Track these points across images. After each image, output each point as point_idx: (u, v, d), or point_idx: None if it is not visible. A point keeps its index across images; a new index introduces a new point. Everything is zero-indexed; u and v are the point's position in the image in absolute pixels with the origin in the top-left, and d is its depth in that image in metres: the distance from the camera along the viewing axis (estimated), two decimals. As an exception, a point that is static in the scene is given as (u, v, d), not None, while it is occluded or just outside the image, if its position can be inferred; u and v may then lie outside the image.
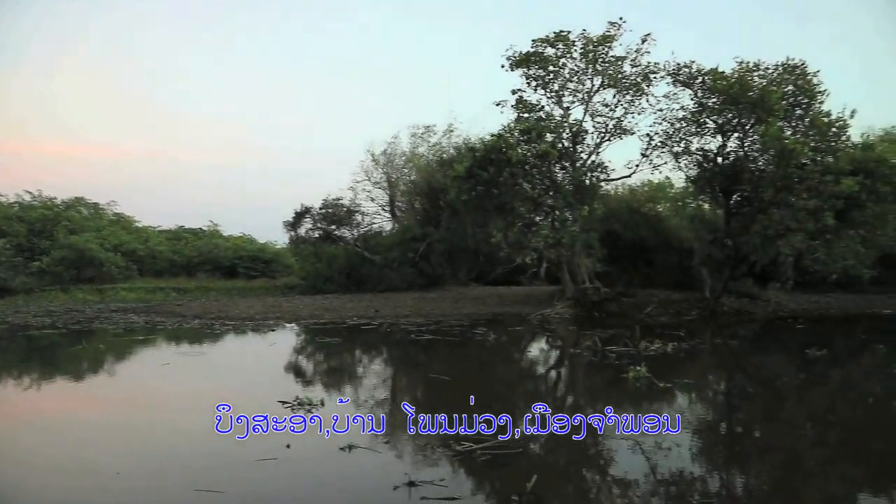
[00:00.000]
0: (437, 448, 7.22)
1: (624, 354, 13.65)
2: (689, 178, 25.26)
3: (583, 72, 24.46)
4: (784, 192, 19.69)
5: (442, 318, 22.90)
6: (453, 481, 6.11)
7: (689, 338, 16.32)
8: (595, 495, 6.12)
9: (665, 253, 26.85)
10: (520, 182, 21.88)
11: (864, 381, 12.38)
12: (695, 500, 5.75)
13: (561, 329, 20.29)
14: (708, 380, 12.62)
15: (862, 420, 9.37)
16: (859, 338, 17.84)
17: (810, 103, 22.24)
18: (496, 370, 14.08)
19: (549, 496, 5.81)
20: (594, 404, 10.57)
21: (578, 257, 23.62)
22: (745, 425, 9.01)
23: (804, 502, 5.87)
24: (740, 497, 6.12)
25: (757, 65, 22.93)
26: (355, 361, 15.75)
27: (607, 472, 6.67)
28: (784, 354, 15.28)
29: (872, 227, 20.44)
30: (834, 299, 26.19)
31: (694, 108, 23.75)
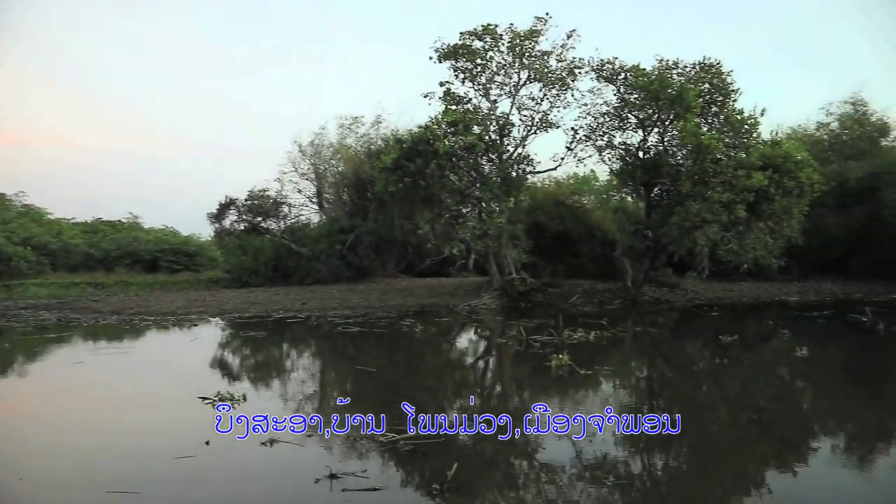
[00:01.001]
0: (360, 440, 7.20)
1: (548, 343, 13.93)
2: (612, 171, 25.97)
3: (510, 65, 24.73)
4: (700, 186, 20.49)
5: (370, 310, 22.81)
6: (375, 472, 6.12)
7: (611, 326, 16.78)
8: (516, 481, 6.23)
9: (589, 244, 27.55)
10: (447, 174, 21.98)
11: (771, 364, 13.05)
12: (609, 481, 5.94)
13: (488, 319, 20.54)
14: (628, 366, 13.02)
15: (769, 401, 9.91)
16: (768, 324, 18.80)
17: (725, 101, 23.16)
18: (423, 361, 14.14)
19: (469, 483, 5.89)
20: (520, 393, 10.78)
21: (505, 248, 23.95)
22: (665, 409, 9.35)
23: (717, 480, 6.14)
24: (660, 477, 6.37)
25: (676, 63, 23.72)
26: (281, 355, 15.50)
27: (533, 459, 6.81)
28: (700, 341, 15.93)
29: (779, 219, 21.49)
30: (746, 288, 27.50)
31: (617, 104, 24.40)
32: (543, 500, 5.67)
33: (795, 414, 9.15)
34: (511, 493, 5.87)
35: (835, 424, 8.41)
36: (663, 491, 6.05)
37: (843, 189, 30.79)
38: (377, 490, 5.64)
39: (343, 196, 35.78)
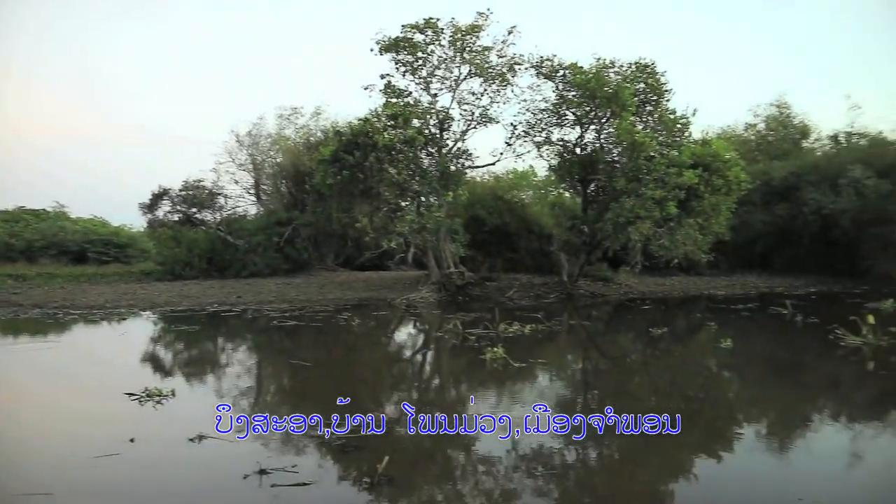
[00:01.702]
0: (291, 434, 7.15)
1: (484, 337, 14.08)
2: (550, 167, 26.38)
3: (451, 60, 24.75)
4: (634, 183, 21.01)
5: (307, 303, 22.56)
6: (307, 467, 6.09)
7: (547, 320, 17.09)
8: (450, 473, 6.29)
9: (527, 239, 27.93)
10: (386, 167, 21.87)
11: (699, 355, 13.54)
12: (539, 472, 6.06)
13: (426, 313, 20.61)
14: (561, 359, 13.29)
15: (696, 390, 10.31)
16: (696, 316, 19.47)
17: (659, 101, 23.79)
18: (360, 355, 14.09)
19: (402, 477, 5.92)
20: (455, 387, 10.88)
21: (443, 243, 24.03)
22: (598, 400, 9.58)
23: (646, 467, 6.33)
24: (593, 466, 6.54)
25: (613, 62, 24.19)
26: (214, 350, 15.19)
27: (469, 453, 6.89)
28: (632, 333, 16.38)
29: (708, 215, 22.26)
30: (676, 282, 28.39)
31: (555, 101, 24.73)
32: (479, 491, 5.74)
33: (721, 402, 9.56)
34: (444, 485, 5.93)
35: (758, 412, 8.80)
36: (595, 479, 6.22)
37: (768, 188, 32.18)
38: (307, 485, 5.60)
39: (281, 188, 35.14)
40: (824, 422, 8.22)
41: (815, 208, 29.59)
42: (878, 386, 10.09)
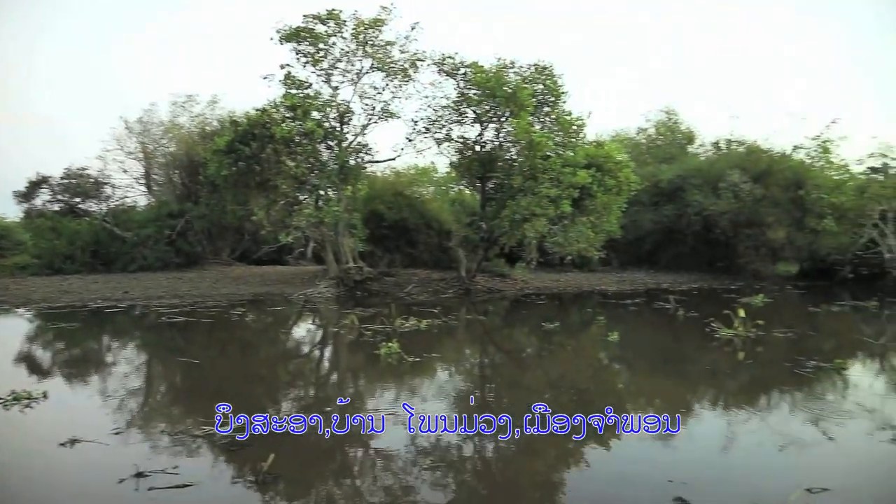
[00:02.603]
0: (174, 434, 6.91)
1: (380, 332, 14.07)
2: (450, 163, 26.63)
3: (353, 53, 24.48)
4: (531, 181, 21.53)
5: (199, 299, 21.75)
6: (189, 468, 5.90)
7: (444, 315, 17.26)
8: (340, 469, 6.25)
9: (426, 234, 28.08)
10: (283, 159, 21.40)
11: (589, 348, 14.06)
12: (426, 464, 6.13)
13: (323, 308, 20.34)
14: (456, 353, 13.46)
15: (586, 381, 10.72)
16: (587, 311, 20.23)
17: (556, 102, 24.49)
18: (253, 352, 13.74)
19: (289, 474, 5.84)
20: (350, 383, 10.81)
21: (342, 237, 23.79)
22: (494, 393, 9.78)
23: (541, 457, 6.53)
24: (490, 458, 6.66)
25: (513, 63, 24.70)
26: (96, 348, 14.34)
27: (362, 448, 6.87)
28: (527, 327, 16.78)
29: (601, 214, 23.15)
30: (570, 278, 29.36)
31: (456, 98, 24.97)
32: (374, 487, 5.74)
33: (610, 393, 9.99)
34: (334, 482, 5.89)
35: (644, 401, 9.23)
36: (492, 469, 6.35)
37: (657, 189, 33.89)
38: (188, 486, 5.43)
39: (173, 178, 33.54)
40: (703, 408, 8.75)
41: (697, 209, 31.41)
42: (748, 374, 10.83)
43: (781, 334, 14.23)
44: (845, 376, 10.14)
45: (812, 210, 29.93)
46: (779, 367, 10.90)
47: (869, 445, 6.68)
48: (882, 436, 6.95)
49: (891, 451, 6.50)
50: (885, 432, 7.04)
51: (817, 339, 14.37)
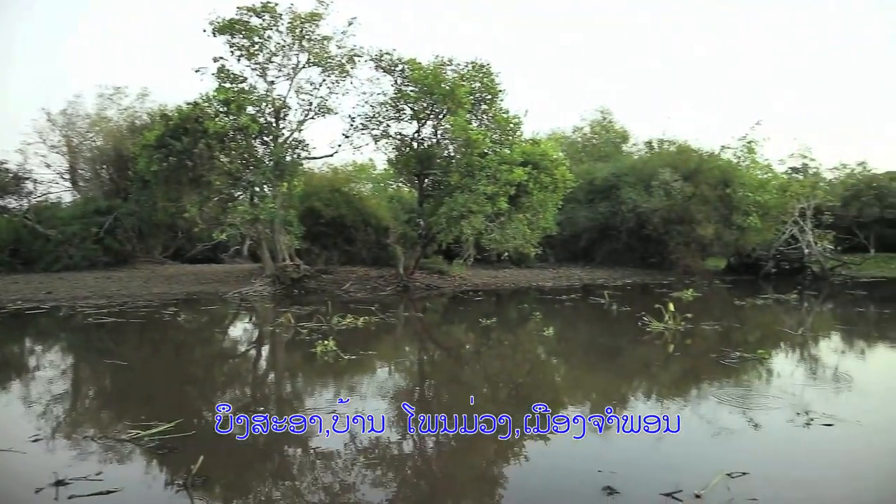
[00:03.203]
0: (99, 440, 6.69)
1: (316, 330, 13.94)
2: (388, 160, 26.55)
3: (289, 47, 24.08)
4: (468, 178, 21.65)
5: (129, 299, 21.05)
6: (113, 474, 5.72)
7: (382, 312, 17.23)
8: (272, 470, 6.17)
9: (364, 231, 27.90)
10: (217, 155, 20.90)
11: (526, 343, 14.25)
12: (365, 462, 6.12)
13: (259, 307, 19.97)
14: (393, 350, 13.42)
15: (524, 376, 10.89)
16: (524, 307, 20.47)
17: (493, 100, 24.70)
18: (184, 352, 13.38)
19: (219, 477, 5.74)
20: (284, 382, 10.67)
21: (278, 234, 23.41)
22: (433, 387, 9.80)
23: (480, 451, 6.57)
24: (429, 453, 6.68)
25: (451, 60, 24.77)
26: (12, 352, 13.69)
27: (295, 447, 6.78)
28: (465, 324, 16.89)
29: (537, 211, 23.51)
30: (508, 274, 29.69)
31: (394, 95, 24.88)
32: (306, 488, 5.68)
33: (547, 386, 10.18)
34: (267, 483, 5.81)
35: (581, 394, 9.43)
36: (433, 465, 6.38)
37: (592, 186, 34.70)
38: (112, 493, 5.27)
39: (101, 173, 32.26)
40: (635, 400, 8.98)
41: (631, 207, 32.25)
42: (678, 366, 11.21)
43: (709, 327, 14.79)
44: (767, 366, 10.65)
45: (738, 207, 31.15)
46: (706, 359, 11.30)
47: (787, 430, 7.01)
48: (799, 420, 7.31)
49: (807, 435, 6.84)
50: (802, 417, 7.41)
51: (742, 331, 14.96)
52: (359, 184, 32.86)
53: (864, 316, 17.99)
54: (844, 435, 6.87)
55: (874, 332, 14.88)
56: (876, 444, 6.72)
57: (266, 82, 23.95)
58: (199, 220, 21.97)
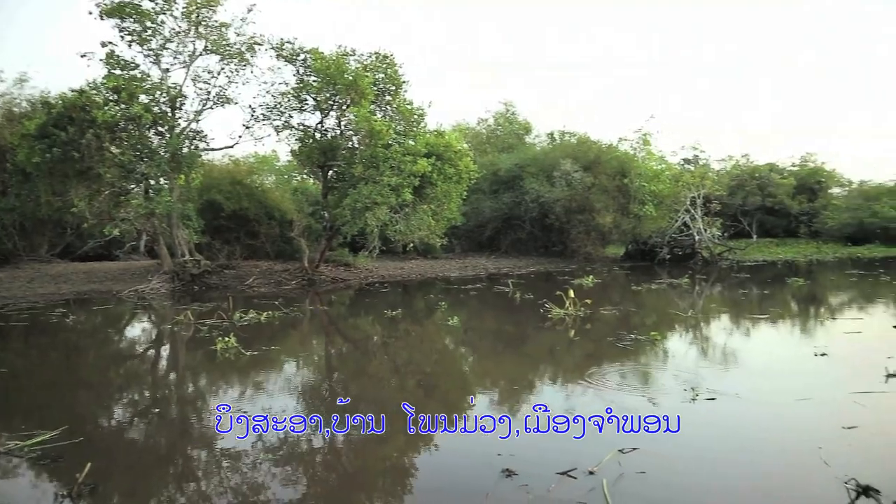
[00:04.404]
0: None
1: (218, 327, 13.57)
2: (291, 151, 25.98)
3: (185, 33, 23.09)
4: (372, 170, 21.51)
5: (10, 300, 19.68)
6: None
7: (287, 306, 16.93)
8: (176, 472, 5.98)
9: (268, 225, 27.23)
10: (107, 145, 19.81)
11: (433, 333, 14.34)
12: (272, 460, 6.03)
13: (157, 305, 19.16)
14: (298, 345, 13.23)
15: (432, 366, 11.01)
16: (430, 297, 20.64)
17: (397, 91, 24.64)
18: (74, 356, 12.66)
19: (110, 484, 5.51)
20: (183, 381, 10.32)
21: (176, 229, 22.49)
22: (341, 383, 9.72)
23: (391, 442, 6.57)
24: (339, 447, 6.62)
25: (353, 50, 24.50)
26: None
27: (196, 448, 6.59)
28: (371, 316, 16.81)
29: (441, 202, 23.69)
30: (415, 265, 29.78)
31: (296, 85, 24.38)
32: (216, 487, 5.53)
33: (454, 375, 10.33)
34: (160, 486, 5.63)
35: (490, 381, 9.59)
36: (343, 459, 6.33)
37: (496, 177, 35.36)
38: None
39: (-26, 166, 29.90)
40: (537, 384, 9.24)
41: (534, 197, 33.08)
42: (579, 350, 11.60)
43: (608, 312, 15.43)
44: (660, 347, 11.25)
45: (635, 197, 32.55)
46: (604, 342, 11.79)
47: (675, 406, 7.42)
48: (686, 396, 7.78)
49: (692, 409, 7.29)
50: (688, 393, 7.89)
51: (638, 315, 15.68)
52: (261, 176, 32.03)
53: (747, 297, 19.23)
54: (725, 408, 7.37)
55: (757, 312, 15.95)
56: (752, 414, 7.25)
57: (160, 70, 22.91)
58: (88, 215, 20.79)
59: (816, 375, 9.10)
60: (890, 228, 41.14)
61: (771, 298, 18.88)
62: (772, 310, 16.25)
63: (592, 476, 5.35)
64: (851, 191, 50.00)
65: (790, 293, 19.87)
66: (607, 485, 5.14)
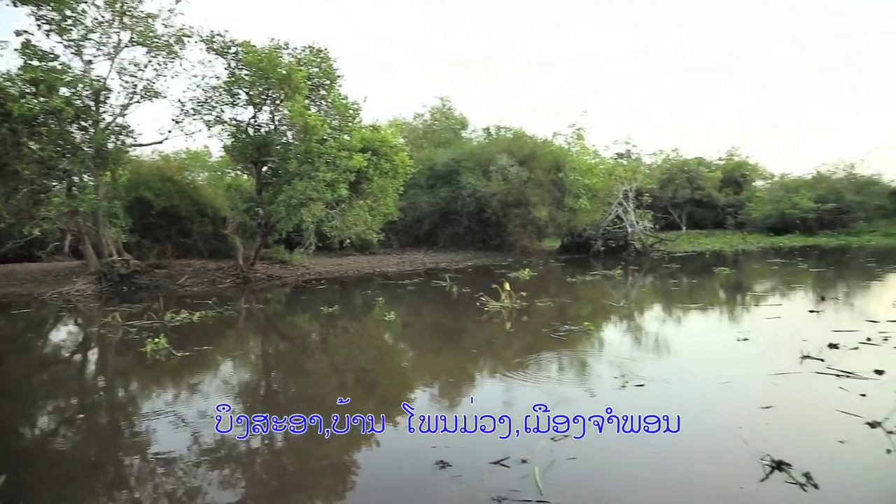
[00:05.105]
0: None
1: (148, 328, 13.19)
2: (224, 147, 25.39)
3: (108, 23, 22.21)
4: (307, 165, 21.24)
5: (-80, 305, 18.65)
6: None
7: (221, 305, 16.58)
8: (104, 481, 5.80)
9: (201, 222, 26.57)
10: (24, 140, 18.91)
11: (371, 329, 14.31)
12: (207, 463, 5.92)
13: (83, 307, 18.44)
14: (232, 344, 12.96)
15: (370, 362, 10.97)
16: (368, 293, 20.54)
17: (332, 86, 24.38)
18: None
19: (30, 496, 5.31)
20: (111, 385, 9.98)
21: (102, 228, 21.66)
22: (278, 381, 9.57)
23: (330, 442, 6.50)
24: (279, 448, 6.54)
25: (287, 44, 24.12)
26: None
27: (144, 452, 6.40)
28: (308, 313, 16.63)
29: (377, 197, 23.63)
30: (352, 261, 29.57)
31: (227, 79, 23.83)
32: (148, 494, 5.39)
33: (393, 370, 10.32)
34: (93, 497, 5.46)
35: (430, 375, 9.60)
36: (283, 460, 6.24)
37: (433, 172, 35.47)
38: None
39: None
40: (471, 377, 9.31)
41: (471, 191, 33.35)
42: (517, 342, 11.77)
43: (543, 304, 15.71)
44: (593, 337, 11.54)
45: (570, 190, 33.21)
46: (539, 334, 12.02)
47: (606, 393, 7.67)
48: (616, 383, 8.04)
49: (621, 395, 7.55)
50: (619, 381, 8.15)
51: (573, 306, 16.00)
52: (193, 172, 31.22)
53: (678, 286, 19.89)
54: (653, 393, 7.67)
55: (686, 301, 16.52)
56: (678, 398, 7.54)
57: (82, 61, 22.00)
58: (5, 214, 19.83)
59: (738, 359, 9.53)
60: (807, 219, 43.28)
61: (700, 287, 19.58)
62: (700, 298, 16.87)
63: (525, 464, 5.47)
64: (773, 183, 52.35)
65: (717, 282, 20.64)
66: (539, 472, 5.27)
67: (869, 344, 10.04)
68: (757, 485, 5.05)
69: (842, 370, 8.37)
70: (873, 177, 47.08)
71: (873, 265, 24.84)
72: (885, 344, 10.03)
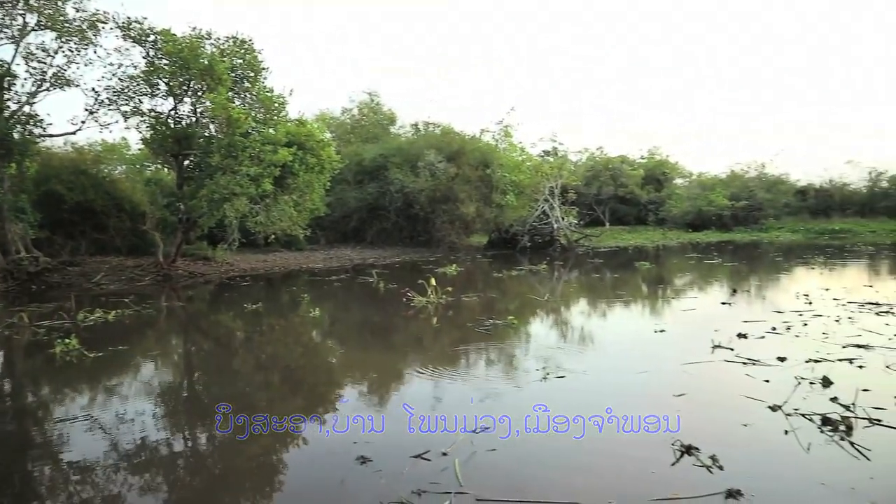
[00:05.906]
0: None
1: (58, 328, 12.61)
2: (143, 139, 24.41)
3: (11, 4, 20.97)
4: (230, 159, 20.64)
5: None
6: None
7: (138, 304, 15.99)
8: (12, 490, 5.51)
9: (118, 218, 25.46)
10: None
11: (298, 326, 14.11)
12: (126, 468, 5.73)
13: (-12, 307, 17.44)
14: (149, 343, 12.53)
15: (297, 359, 10.83)
16: (294, 290, 20.24)
17: (256, 78, 23.83)
18: None
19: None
20: (17, 390, 9.50)
21: (8, 223, 20.47)
22: (204, 381, 9.28)
23: (257, 441, 6.38)
24: (203, 449, 6.36)
25: (209, 34, 23.44)
26: None
27: (56, 459, 6.11)
28: (232, 311, 16.23)
29: (303, 192, 23.23)
30: (278, 258, 28.99)
31: (146, 68, 22.95)
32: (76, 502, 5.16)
33: (320, 368, 10.22)
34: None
35: (356, 372, 9.53)
36: (208, 462, 6.09)
37: (360, 167, 35.24)
38: None
39: None
40: (394, 373, 9.33)
41: (399, 187, 33.31)
42: (443, 336, 11.82)
43: (469, 298, 15.89)
44: (517, 330, 11.79)
45: (497, 187, 33.64)
46: (465, 328, 12.15)
47: (528, 386, 7.85)
48: (537, 375, 8.24)
49: (542, 387, 7.76)
50: (540, 373, 8.36)
51: (498, 301, 16.26)
52: (110, 165, 29.96)
53: (601, 281, 20.48)
54: (573, 384, 7.94)
55: (609, 295, 17.05)
56: (596, 388, 7.84)
57: (-20, 44, 20.72)
58: None
59: (655, 350, 9.93)
60: (723, 216, 45.37)
61: (622, 282, 20.21)
62: (622, 292, 17.42)
63: (446, 457, 5.54)
64: (692, 181, 54.61)
65: (639, 276, 21.35)
66: (459, 464, 5.35)
67: (774, 333, 10.66)
68: (668, 468, 5.29)
69: (748, 358, 8.87)
70: (781, 176, 49.89)
71: (781, 259, 26.29)
72: (788, 333, 10.70)
